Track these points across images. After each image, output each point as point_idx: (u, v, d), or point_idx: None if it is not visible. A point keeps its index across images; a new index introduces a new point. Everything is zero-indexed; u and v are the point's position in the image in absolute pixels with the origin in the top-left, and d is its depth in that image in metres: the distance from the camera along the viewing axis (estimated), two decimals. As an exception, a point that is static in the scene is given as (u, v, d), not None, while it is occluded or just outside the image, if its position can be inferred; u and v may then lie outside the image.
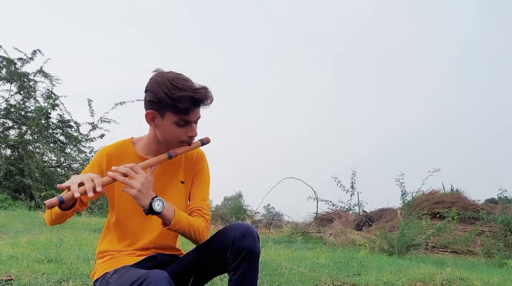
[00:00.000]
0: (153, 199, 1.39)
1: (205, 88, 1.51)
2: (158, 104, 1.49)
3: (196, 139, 1.59)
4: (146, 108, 1.54)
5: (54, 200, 1.31)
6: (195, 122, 1.55)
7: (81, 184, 1.33)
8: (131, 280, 1.30)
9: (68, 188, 1.33)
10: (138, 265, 1.54)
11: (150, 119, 1.55)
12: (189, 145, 1.57)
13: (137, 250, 1.60)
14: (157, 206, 1.39)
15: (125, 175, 1.39)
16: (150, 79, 1.53)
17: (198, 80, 1.55)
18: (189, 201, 1.67)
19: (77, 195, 1.30)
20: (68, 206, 1.43)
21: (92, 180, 1.33)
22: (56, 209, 1.44)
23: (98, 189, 1.33)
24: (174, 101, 1.45)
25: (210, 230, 1.60)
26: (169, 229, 1.46)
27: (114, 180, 1.39)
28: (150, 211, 1.39)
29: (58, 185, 1.38)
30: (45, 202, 1.33)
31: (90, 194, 1.30)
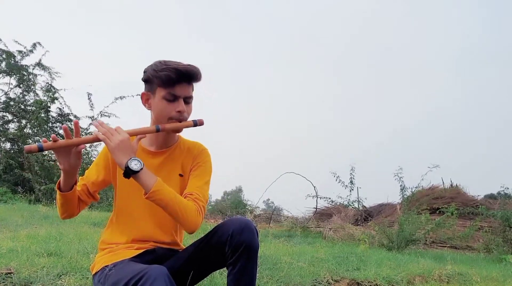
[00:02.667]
0: (131, 158, 1.39)
1: (192, 65, 1.55)
2: (148, 82, 1.57)
3: (190, 120, 1.59)
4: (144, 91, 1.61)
5: (33, 146, 1.38)
6: (186, 102, 1.57)
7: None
8: (130, 274, 1.30)
9: (53, 139, 1.40)
10: (137, 258, 1.54)
11: (145, 100, 1.60)
12: (180, 122, 1.57)
13: (136, 243, 1.60)
14: (133, 165, 1.38)
15: (109, 133, 1.43)
16: None
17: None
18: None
19: (52, 137, 1.41)
20: (67, 188, 1.52)
21: (71, 138, 1.44)
22: (58, 193, 1.53)
23: (75, 138, 1.42)
24: (159, 72, 1.52)
25: (203, 218, 1.54)
26: (149, 198, 1.42)
27: (97, 137, 1.43)
28: (127, 171, 1.38)
29: (43, 139, 1.44)
30: (24, 146, 1.40)
31: (62, 141, 1.40)
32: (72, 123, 1.61)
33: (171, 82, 1.51)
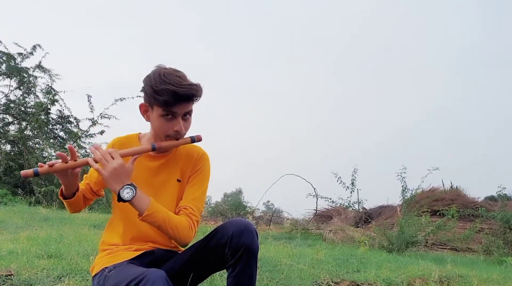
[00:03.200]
0: (123, 186, 1.40)
1: (194, 85, 1.50)
2: (147, 96, 1.54)
3: (188, 135, 1.58)
4: (143, 101, 1.59)
5: (29, 171, 1.40)
6: (184, 118, 1.54)
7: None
8: (129, 278, 1.30)
9: (49, 164, 1.42)
10: (136, 260, 1.54)
11: (143, 111, 1.59)
12: (177, 140, 1.56)
13: (135, 244, 1.60)
14: (125, 194, 1.39)
15: (104, 159, 1.42)
16: (148, 73, 1.56)
17: (198, 75, 1.56)
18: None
19: (50, 163, 1.42)
20: (69, 195, 1.56)
21: (68, 160, 1.44)
22: (62, 198, 1.59)
23: (70, 162, 1.43)
24: (157, 94, 1.47)
25: (196, 231, 1.55)
26: (143, 220, 1.44)
27: (88, 162, 1.44)
28: (119, 198, 1.40)
29: (39, 164, 1.45)
30: (21, 172, 1.43)
31: (57, 165, 1.42)
32: (68, 147, 1.62)
33: (168, 104, 1.48)
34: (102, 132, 10.54)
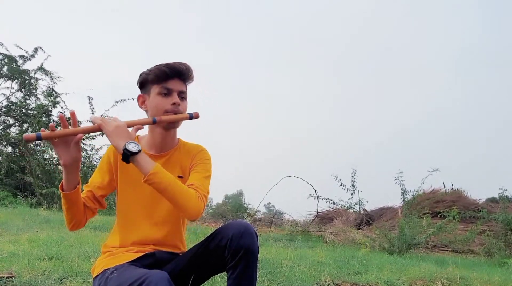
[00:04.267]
0: (128, 141, 1.40)
1: (183, 62, 1.62)
2: (143, 83, 1.64)
3: (186, 113, 1.61)
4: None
5: (31, 135, 1.36)
6: (180, 96, 1.61)
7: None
8: (131, 279, 1.30)
9: (51, 127, 1.39)
10: (137, 262, 1.54)
11: (141, 102, 1.65)
12: (175, 114, 1.59)
13: (136, 246, 1.61)
14: (131, 147, 1.38)
15: (106, 119, 1.45)
16: None
17: (198, 76, 1.65)
18: None
19: (50, 126, 1.37)
20: (70, 187, 1.48)
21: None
22: (62, 196, 1.50)
23: (73, 127, 1.41)
24: (153, 70, 1.59)
25: (205, 205, 1.51)
26: (148, 182, 1.40)
27: (95, 125, 1.44)
28: (125, 153, 1.38)
29: (41, 129, 1.42)
30: (23, 135, 1.41)
31: (60, 130, 1.39)
32: (69, 113, 1.61)
33: (164, 76, 1.58)
34: (103, 134, 10.55)
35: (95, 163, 10.23)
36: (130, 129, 1.47)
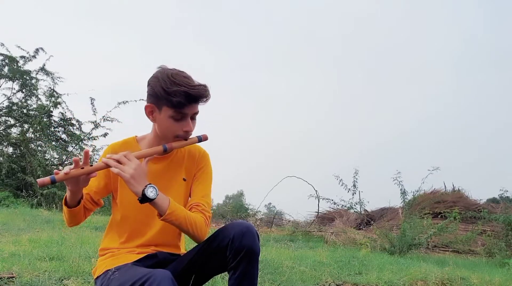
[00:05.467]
0: (146, 186, 1.40)
1: (203, 86, 1.52)
2: (155, 97, 1.53)
3: (194, 135, 1.60)
4: (147, 102, 1.58)
5: (46, 179, 1.35)
6: (192, 118, 1.57)
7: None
8: (134, 278, 1.30)
9: (65, 172, 1.38)
10: (139, 262, 1.54)
11: (148, 112, 1.59)
12: (186, 140, 1.58)
13: (138, 248, 1.61)
14: (150, 192, 1.39)
15: (118, 162, 1.41)
16: (152, 74, 1.56)
17: (197, 77, 1.57)
18: (190, 198, 1.67)
19: (66, 170, 1.37)
20: (74, 204, 1.51)
21: (84, 166, 1.39)
22: (65, 208, 1.53)
23: (86, 168, 1.39)
24: (170, 95, 1.48)
25: (210, 228, 1.58)
26: (164, 220, 1.44)
27: (108, 165, 1.42)
28: (143, 198, 1.39)
29: (55, 171, 1.41)
30: (37, 180, 1.38)
31: (74, 171, 1.37)
32: (83, 152, 1.61)
33: (181, 105, 1.49)
34: (105, 135, 10.57)
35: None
36: (140, 160, 1.47)
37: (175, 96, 1.47)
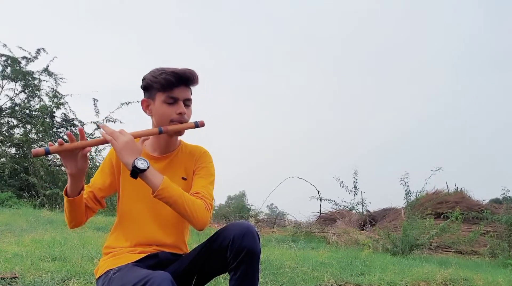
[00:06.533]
0: (137, 157, 1.41)
1: (188, 68, 1.59)
2: (148, 88, 1.61)
3: (191, 122, 1.62)
4: (143, 97, 1.65)
5: (40, 149, 1.40)
6: (186, 104, 1.61)
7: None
8: (134, 280, 1.31)
9: (59, 143, 1.42)
10: (140, 262, 1.55)
11: (145, 107, 1.65)
12: (181, 123, 1.60)
13: (139, 246, 1.61)
14: (140, 164, 1.40)
15: (115, 134, 1.45)
16: None
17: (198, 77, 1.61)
18: None
19: (58, 141, 1.42)
20: (75, 193, 1.53)
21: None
22: (65, 200, 1.55)
23: (81, 141, 1.44)
24: (159, 79, 1.56)
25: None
26: (158, 197, 1.43)
27: (103, 139, 1.46)
28: (134, 170, 1.40)
29: (49, 143, 1.45)
30: (32, 150, 1.41)
31: (68, 144, 1.42)
32: (77, 129, 1.67)
33: (170, 85, 1.56)
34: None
35: (98, 164, 10.27)
36: (136, 140, 1.49)
37: (164, 79, 1.55)
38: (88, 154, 1.50)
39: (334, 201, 8.16)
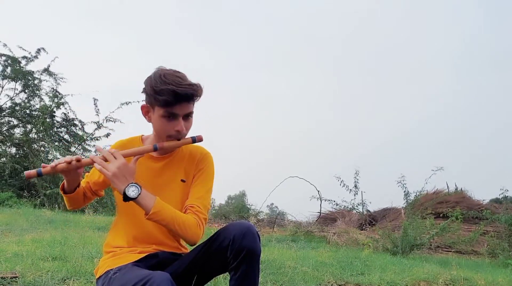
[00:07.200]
0: (128, 184, 1.42)
1: (192, 85, 1.51)
2: (148, 97, 1.56)
3: (189, 135, 1.59)
4: (144, 102, 1.62)
5: (33, 171, 1.43)
6: (185, 118, 1.55)
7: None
8: (134, 280, 1.31)
9: (52, 166, 1.46)
10: (140, 262, 1.55)
11: (145, 112, 1.61)
12: (178, 140, 1.57)
13: (139, 246, 1.61)
14: (131, 192, 1.41)
15: (105, 159, 1.46)
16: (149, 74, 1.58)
17: (197, 77, 1.57)
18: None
19: (53, 164, 1.46)
20: (71, 190, 1.59)
21: (72, 160, 1.47)
22: (62, 193, 1.63)
23: (73, 163, 1.46)
24: (158, 94, 1.48)
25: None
26: (150, 219, 1.45)
27: (93, 161, 1.47)
28: (125, 196, 1.42)
29: (42, 165, 1.49)
30: (25, 172, 1.45)
31: (60, 165, 1.46)
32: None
33: (168, 104, 1.49)
34: (108, 135, 10.60)
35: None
36: (130, 159, 1.50)
37: (162, 95, 1.47)
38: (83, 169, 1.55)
39: (334, 201, 8.17)
